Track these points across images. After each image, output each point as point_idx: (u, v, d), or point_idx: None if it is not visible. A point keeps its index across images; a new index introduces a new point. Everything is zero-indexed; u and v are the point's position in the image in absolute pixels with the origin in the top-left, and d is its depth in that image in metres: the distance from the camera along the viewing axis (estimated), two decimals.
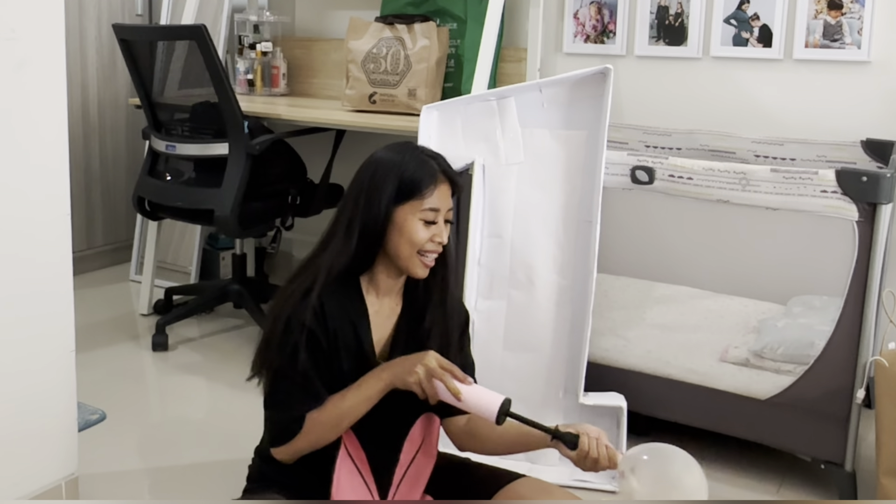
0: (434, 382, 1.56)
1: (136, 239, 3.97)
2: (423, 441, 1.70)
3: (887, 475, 2.08)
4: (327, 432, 1.59)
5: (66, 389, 2.07)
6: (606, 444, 1.57)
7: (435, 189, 1.62)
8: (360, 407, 1.59)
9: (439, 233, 1.63)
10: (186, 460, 2.42)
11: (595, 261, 2.28)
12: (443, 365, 1.57)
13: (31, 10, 1.89)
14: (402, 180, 1.61)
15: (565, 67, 3.18)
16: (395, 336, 1.69)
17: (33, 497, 2.02)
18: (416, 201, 1.61)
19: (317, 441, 1.60)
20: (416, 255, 1.62)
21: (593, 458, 1.56)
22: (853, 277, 2.13)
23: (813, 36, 2.80)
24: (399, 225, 1.62)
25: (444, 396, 1.56)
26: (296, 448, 1.60)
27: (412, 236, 1.61)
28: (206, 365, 3.09)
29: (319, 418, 1.59)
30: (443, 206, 1.64)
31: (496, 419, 1.54)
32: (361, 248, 1.62)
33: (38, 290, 1.98)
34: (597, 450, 1.56)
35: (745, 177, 2.18)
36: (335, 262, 1.61)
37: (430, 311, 1.69)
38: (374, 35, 3.27)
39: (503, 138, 2.36)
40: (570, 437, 1.57)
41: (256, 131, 3.09)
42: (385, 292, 1.68)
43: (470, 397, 1.56)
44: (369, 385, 1.59)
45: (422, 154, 1.66)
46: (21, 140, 1.91)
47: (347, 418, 1.59)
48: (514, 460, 2.35)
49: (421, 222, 1.61)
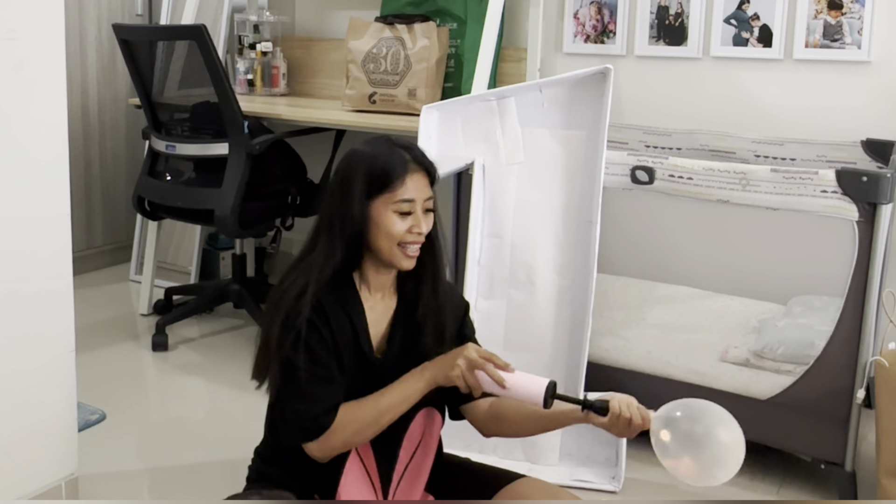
0: (476, 373, 1.55)
1: (136, 239, 3.97)
2: (423, 437, 1.70)
3: (887, 475, 2.08)
4: (365, 429, 1.57)
5: (66, 389, 2.07)
6: (638, 406, 1.55)
7: (407, 179, 1.60)
8: (401, 405, 1.58)
9: (417, 223, 1.60)
10: (186, 460, 2.42)
11: (595, 261, 2.28)
12: (483, 355, 1.56)
13: (31, 10, 1.89)
14: (371, 174, 1.60)
15: (565, 67, 3.18)
16: (391, 331, 1.68)
17: (33, 497, 2.02)
18: (388, 194, 1.59)
19: (353, 437, 1.57)
20: (396, 247, 1.60)
21: (626, 419, 1.53)
22: (853, 277, 2.13)
23: (813, 36, 2.80)
24: (375, 219, 1.60)
25: (487, 387, 1.55)
26: (331, 444, 1.57)
27: (388, 229, 1.59)
28: (206, 365, 3.09)
29: (357, 415, 1.57)
30: (419, 196, 1.61)
31: (544, 403, 1.53)
32: (345, 246, 1.61)
33: (38, 289, 1.98)
34: (628, 410, 1.53)
35: (745, 177, 2.18)
36: (325, 262, 1.60)
37: (421, 303, 1.68)
38: (374, 35, 3.27)
39: (503, 138, 2.36)
40: (601, 403, 1.55)
41: (256, 131, 3.09)
42: (377, 287, 1.67)
43: (514, 384, 1.54)
44: (409, 384, 1.58)
45: (393, 146, 1.63)
46: (21, 140, 1.91)
47: (387, 416, 1.58)
48: (514, 460, 2.35)
49: (396, 215, 1.59)
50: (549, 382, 1.54)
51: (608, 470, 2.32)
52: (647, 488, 2.31)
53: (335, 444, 1.58)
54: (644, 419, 1.54)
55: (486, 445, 2.38)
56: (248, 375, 1.68)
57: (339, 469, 1.62)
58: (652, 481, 2.34)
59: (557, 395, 1.54)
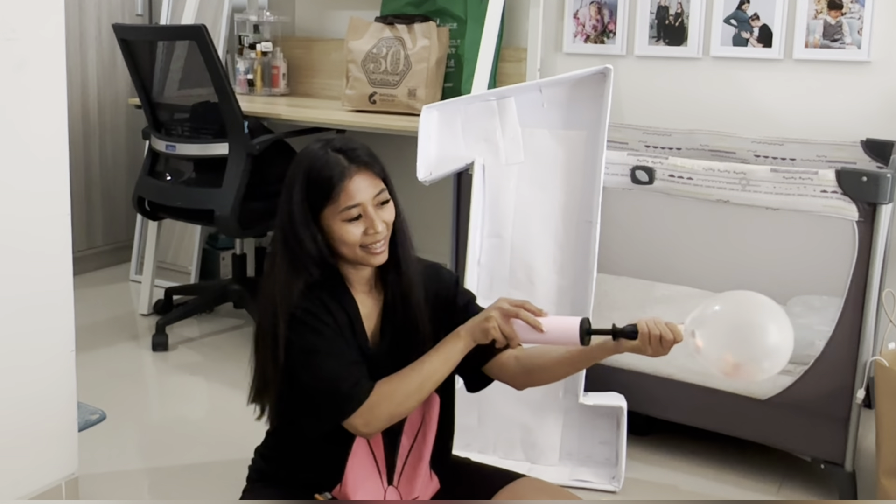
0: (512, 322, 1.55)
1: (136, 239, 3.97)
2: (423, 422, 1.70)
3: (887, 475, 2.08)
4: (410, 397, 1.56)
5: (66, 389, 2.07)
6: (666, 322, 1.55)
7: (348, 185, 1.57)
8: (443, 368, 1.57)
9: (371, 224, 1.58)
10: (186, 460, 2.42)
11: (595, 261, 2.28)
12: (514, 303, 1.56)
13: (31, 10, 1.89)
14: (310, 189, 1.58)
15: (565, 67, 3.18)
16: (382, 323, 1.68)
17: (33, 497, 2.02)
18: (331, 206, 1.57)
19: (399, 406, 1.56)
20: (359, 250, 1.59)
21: (656, 336, 1.53)
22: (853, 277, 2.13)
23: (813, 36, 2.80)
24: (328, 232, 1.59)
25: (523, 334, 1.55)
26: (377, 415, 1.54)
27: (344, 239, 1.58)
28: (206, 365, 3.09)
29: (400, 384, 1.56)
30: (365, 197, 1.58)
31: (581, 341, 1.53)
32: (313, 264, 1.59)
33: (38, 289, 1.98)
34: (657, 327, 1.53)
35: (745, 177, 2.18)
36: (310, 268, 1.59)
37: (389, 287, 1.67)
38: (374, 35, 3.27)
39: (503, 138, 2.36)
40: (629, 327, 1.55)
41: (256, 131, 3.09)
42: (361, 282, 1.66)
43: (550, 327, 1.54)
44: (448, 346, 1.58)
45: (328, 151, 1.59)
46: (21, 140, 1.91)
47: (430, 381, 1.57)
48: (514, 460, 2.35)
49: (347, 223, 1.57)
50: (581, 320, 1.53)
51: (608, 470, 2.32)
52: (647, 488, 2.31)
53: (381, 415, 1.55)
54: (675, 332, 1.53)
55: (486, 445, 2.39)
56: (248, 375, 1.68)
57: (345, 456, 1.61)
58: (652, 481, 2.34)
59: (592, 329, 1.55)
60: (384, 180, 1.62)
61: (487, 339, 1.56)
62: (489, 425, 2.38)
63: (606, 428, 2.34)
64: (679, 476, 2.37)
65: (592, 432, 2.35)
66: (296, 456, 1.67)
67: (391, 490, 1.67)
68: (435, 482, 1.73)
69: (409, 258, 1.67)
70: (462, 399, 1.81)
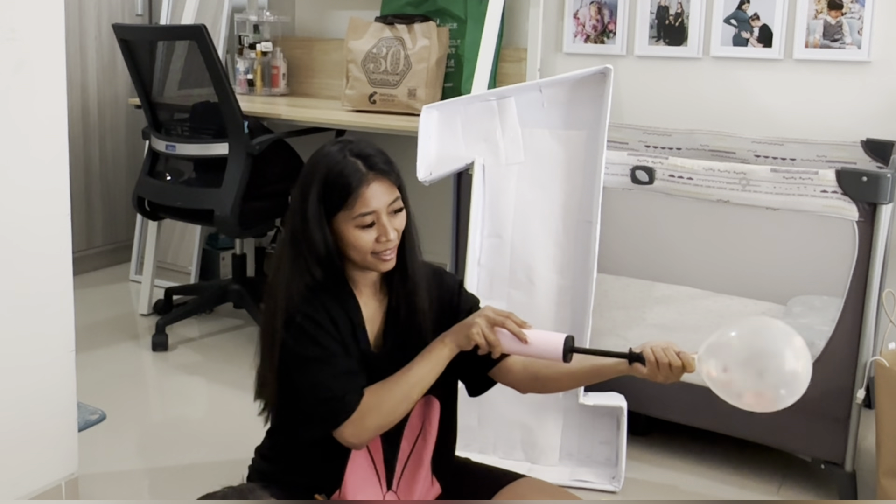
0: (496, 331, 1.55)
1: (136, 239, 3.97)
2: (423, 425, 1.70)
3: (887, 475, 2.08)
4: (398, 406, 1.57)
5: (66, 389, 2.07)
6: (678, 351, 1.52)
7: (364, 191, 1.56)
8: (429, 376, 1.58)
9: (383, 232, 1.57)
10: (186, 460, 2.42)
11: (595, 261, 2.28)
12: (500, 313, 1.57)
13: (31, 10, 1.89)
14: (326, 192, 1.57)
15: (565, 67, 3.18)
16: (385, 326, 1.68)
17: (33, 497, 2.02)
18: (346, 211, 1.57)
19: (387, 416, 1.56)
20: (369, 256, 1.59)
21: (665, 364, 1.52)
22: (853, 277, 2.13)
23: (813, 36, 2.80)
24: (340, 237, 1.59)
25: (507, 344, 1.55)
26: (366, 426, 1.55)
27: (355, 244, 1.58)
28: (206, 365, 3.09)
29: (387, 393, 1.56)
30: (380, 205, 1.58)
31: (563, 357, 1.52)
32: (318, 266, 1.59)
33: (38, 289, 1.98)
34: (665, 355, 1.52)
35: (745, 177, 2.18)
36: (313, 268, 1.59)
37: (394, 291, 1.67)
38: (374, 35, 3.27)
39: (503, 138, 2.36)
40: (637, 354, 1.54)
41: (256, 131, 3.09)
42: (366, 285, 1.66)
43: (534, 340, 1.54)
44: (433, 353, 1.58)
45: (347, 156, 1.59)
46: (21, 140, 1.91)
47: (417, 388, 1.57)
48: (514, 460, 2.35)
49: (359, 229, 1.57)
50: (565, 337, 1.53)
51: (608, 470, 2.32)
52: (647, 488, 2.31)
53: (370, 426, 1.56)
54: (685, 361, 1.51)
55: (486, 445, 2.39)
56: (248, 375, 1.68)
57: (344, 461, 1.61)
58: (652, 481, 2.34)
59: (575, 348, 1.54)
60: (399, 188, 1.62)
61: (470, 345, 1.57)
62: (489, 425, 2.38)
63: (606, 428, 2.34)
64: (679, 476, 2.37)
65: (592, 432, 2.35)
66: (294, 459, 1.67)
67: (390, 495, 1.67)
68: (436, 487, 1.73)
69: (416, 264, 1.68)
70: (462, 399, 1.81)
